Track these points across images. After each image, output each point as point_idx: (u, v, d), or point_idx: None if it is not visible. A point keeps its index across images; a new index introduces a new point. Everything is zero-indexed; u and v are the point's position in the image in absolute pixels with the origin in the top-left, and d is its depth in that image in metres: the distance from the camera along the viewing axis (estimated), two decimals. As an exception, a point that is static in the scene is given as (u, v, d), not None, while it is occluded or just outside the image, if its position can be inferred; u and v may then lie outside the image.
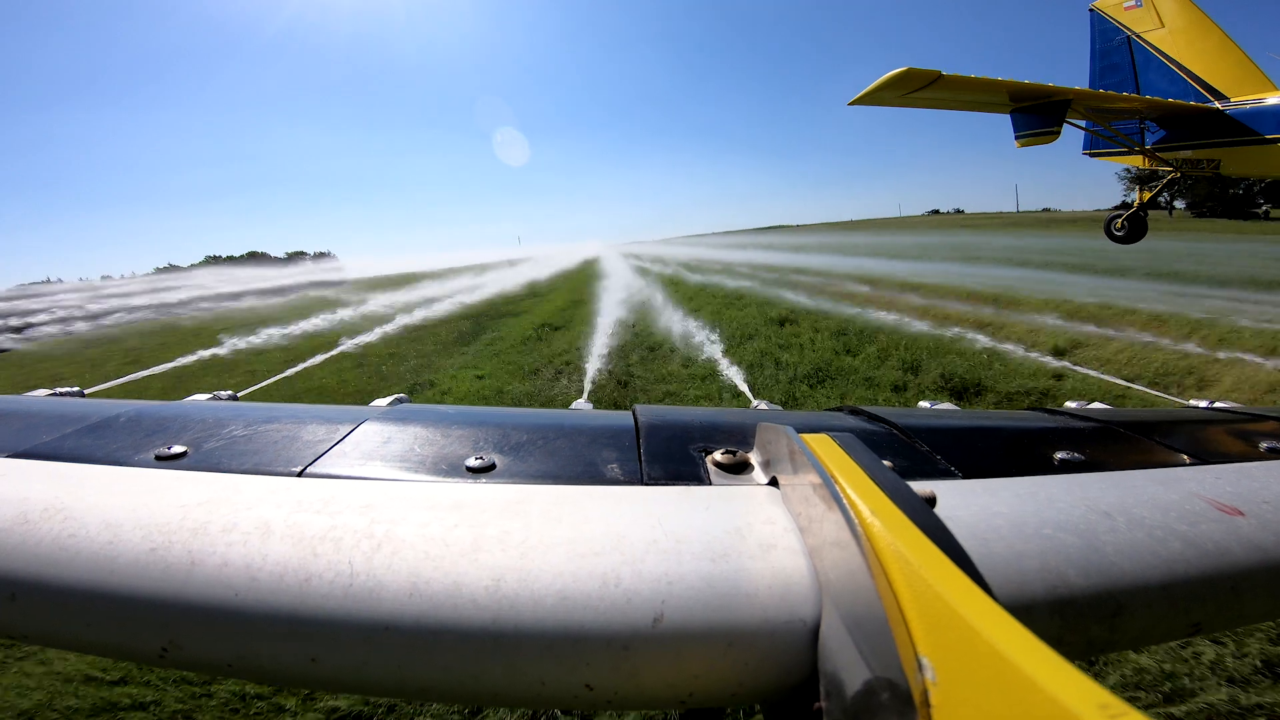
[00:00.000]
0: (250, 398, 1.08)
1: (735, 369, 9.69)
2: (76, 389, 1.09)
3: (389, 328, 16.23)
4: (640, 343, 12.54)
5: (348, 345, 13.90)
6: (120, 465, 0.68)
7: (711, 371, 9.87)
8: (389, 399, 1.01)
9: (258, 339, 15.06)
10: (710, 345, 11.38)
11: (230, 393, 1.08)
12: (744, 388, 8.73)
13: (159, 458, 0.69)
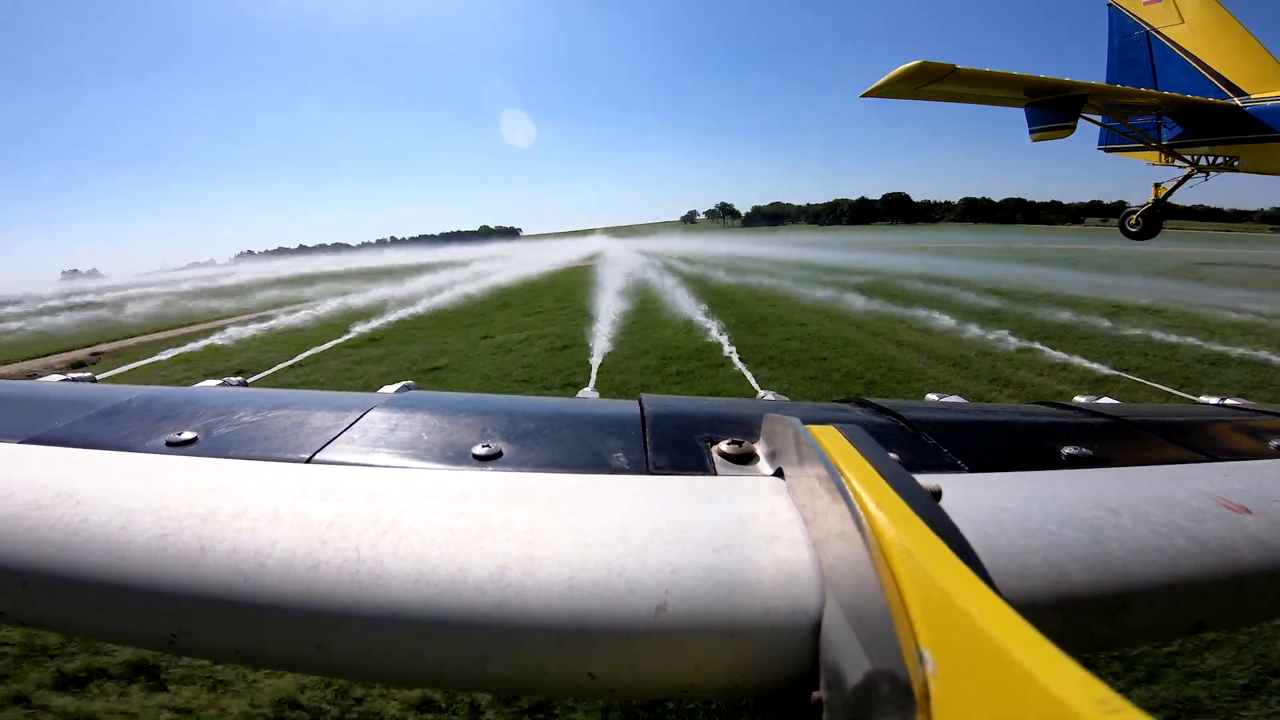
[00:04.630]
0: (261, 383, 1.09)
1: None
2: (89, 374, 1.10)
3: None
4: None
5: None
6: (131, 451, 0.68)
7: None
8: (396, 386, 1.02)
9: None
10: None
11: (240, 379, 1.09)
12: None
13: (170, 444, 0.69)
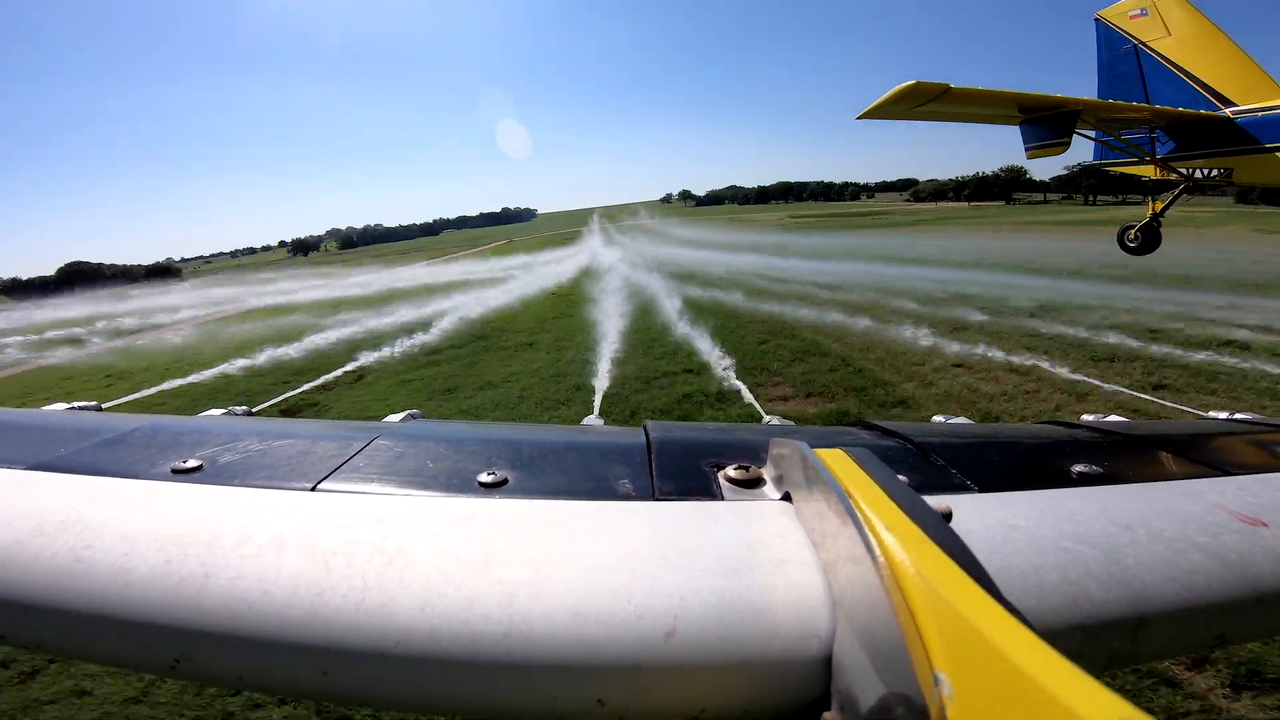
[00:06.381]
0: (265, 413, 1.09)
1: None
2: (94, 403, 1.11)
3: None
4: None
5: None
6: (136, 479, 0.68)
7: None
8: (401, 415, 1.02)
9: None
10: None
11: (245, 408, 1.09)
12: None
13: (175, 471, 0.70)
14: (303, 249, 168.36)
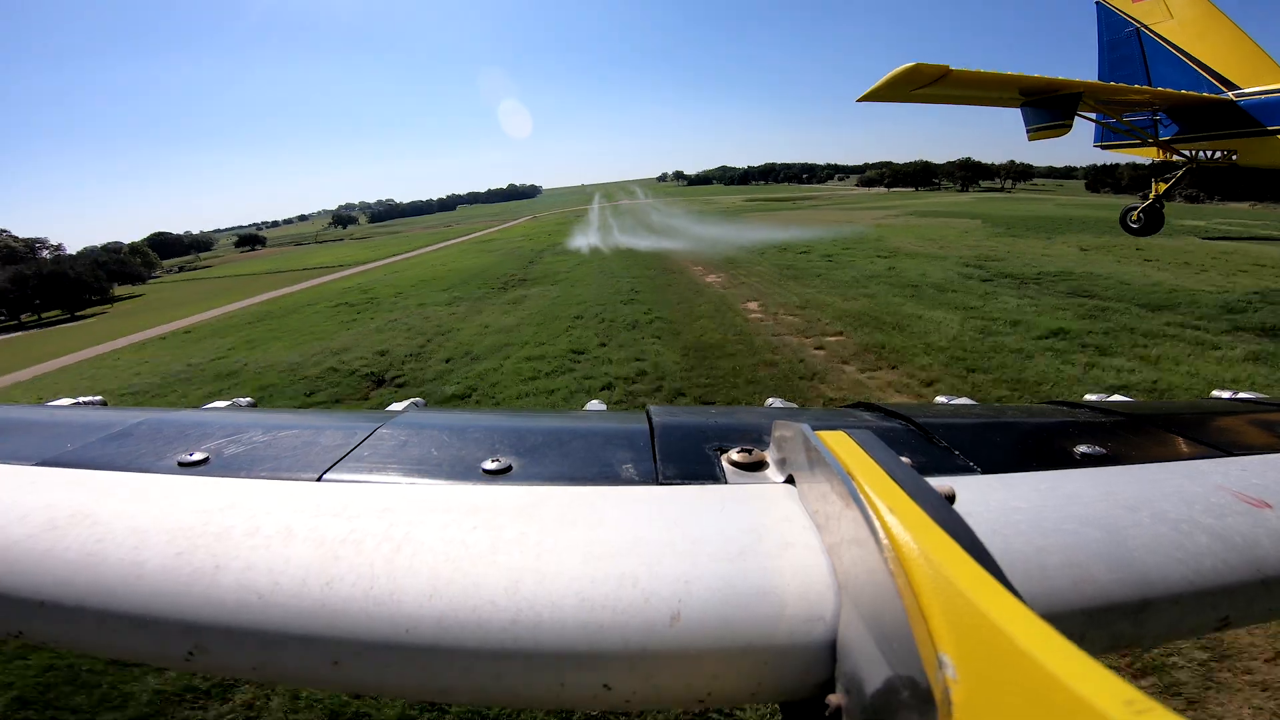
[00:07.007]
0: (271, 403, 1.09)
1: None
2: (99, 398, 1.11)
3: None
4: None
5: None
6: (144, 472, 0.69)
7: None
8: (404, 404, 1.02)
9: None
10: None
11: (249, 400, 1.09)
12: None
13: (181, 464, 0.70)
14: (341, 222, 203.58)
